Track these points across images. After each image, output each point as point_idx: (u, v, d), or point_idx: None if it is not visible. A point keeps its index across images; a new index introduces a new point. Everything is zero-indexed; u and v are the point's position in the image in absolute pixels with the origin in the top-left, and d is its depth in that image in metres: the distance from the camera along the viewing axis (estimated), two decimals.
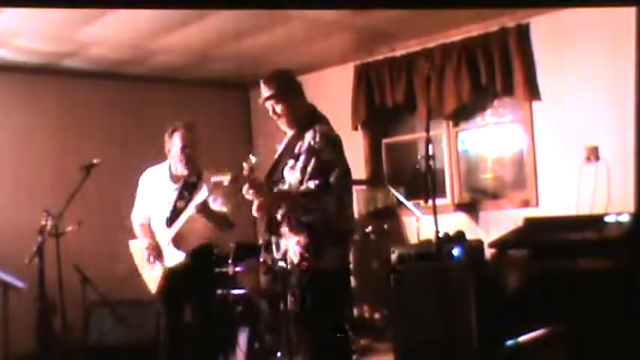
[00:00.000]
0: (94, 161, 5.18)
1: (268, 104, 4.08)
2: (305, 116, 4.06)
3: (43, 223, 5.47)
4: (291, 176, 3.89)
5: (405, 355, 5.58)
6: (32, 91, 7.12)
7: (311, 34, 6.58)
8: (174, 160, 5.00)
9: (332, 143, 3.96)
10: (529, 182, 6.47)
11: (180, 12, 5.67)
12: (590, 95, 6.01)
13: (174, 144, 4.96)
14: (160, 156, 5.01)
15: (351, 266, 7.00)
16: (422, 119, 6.95)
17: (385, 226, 6.69)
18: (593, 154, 5.94)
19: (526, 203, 6.43)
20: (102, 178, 5.05)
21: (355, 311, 7.21)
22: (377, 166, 7.74)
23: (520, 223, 5.92)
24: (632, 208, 5.19)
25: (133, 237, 5.14)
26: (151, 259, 4.94)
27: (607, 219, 5.39)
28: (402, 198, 6.52)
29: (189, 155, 4.92)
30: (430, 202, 4.54)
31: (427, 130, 4.57)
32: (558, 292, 5.05)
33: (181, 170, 4.97)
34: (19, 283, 5.85)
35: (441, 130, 7.12)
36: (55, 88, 7.25)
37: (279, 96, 4.03)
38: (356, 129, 7.63)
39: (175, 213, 4.83)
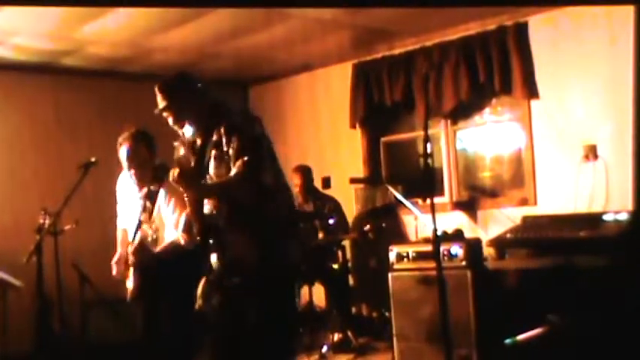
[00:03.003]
0: (92, 160, 5.16)
1: (164, 115, 3.84)
2: (207, 117, 3.80)
3: (41, 221, 5.46)
4: (215, 168, 3.71)
5: (404, 354, 5.58)
6: (30, 89, 7.12)
7: (309, 32, 6.58)
8: None
9: (249, 118, 3.84)
10: (527, 180, 6.47)
11: (178, 10, 5.68)
12: (589, 94, 6.01)
13: (121, 158, 4.64)
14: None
15: (350, 265, 7.04)
16: (420, 118, 6.95)
17: (383, 224, 6.68)
18: (592, 152, 5.95)
19: (524, 201, 6.44)
20: (100, 177, 5.03)
21: (354, 310, 7.22)
22: (375, 165, 7.73)
23: (518, 221, 5.93)
24: (630, 206, 5.20)
25: None
26: (124, 271, 4.64)
27: (605, 217, 5.39)
28: (400, 196, 6.52)
29: (136, 174, 4.57)
30: (428, 200, 4.54)
31: (425, 128, 4.56)
32: (556, 290, 5.05)
33: (137, 185, 4.68)
34: (17, 282, 5.85)
35: (439, 129, 7.12)
36: (52, 87, 7.25)
37: (171, 107, 3.79)
38: (354, 127, 7.64)
39: (138, 227, 4.50)
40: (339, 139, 7.87)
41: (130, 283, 4.67)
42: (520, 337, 4.94)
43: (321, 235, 6.73)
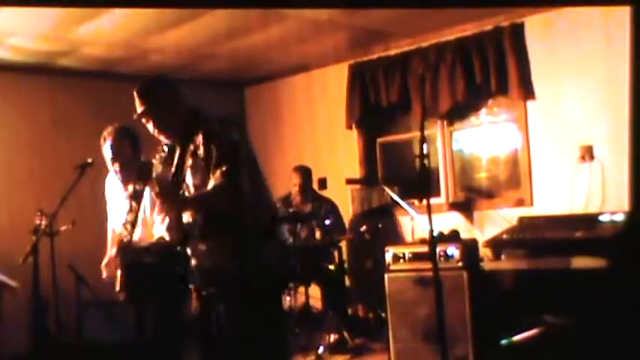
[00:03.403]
0: (88, 160, 5.14)
1: (142, 121, 3.80)
2: (186, 123, 3.73)
3: (37, 222, 5.46)
4: (192, 177, 3.67)
5: (400, 355, 5.58)
6: (26, 90, 7.11)
7: (305, 33, 6.58)
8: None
9: (228, 124, 3.72)
10: (523, 181, 6.48)
11: (174, 11, 5.67)
12: (585, 94, 6.02)
13: (105, 155, 4.59)
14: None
15: (346, 266, 7.04)
16: (416, 118, 6.96)
17: (380, 225, 6.69)
18: (588, 153, 5.95)
19: (520, 202, 6.44)
20: (96, 178, 5.02)
21: (350, 310, 7.22)
22: (371, 166, 7.73)
23: (514, 222, 5.93)
24: (626, 207, 5.20)
25: None
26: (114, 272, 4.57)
27: (601, 218, 5.40)
28: (396, 197, 6.52)
29: (121, 170, 4.54)
30: (425, 201, 4.54)
31: (422, 129, 4.56)
32: (552, 291, 5.05)
33: (121, 183, 4.63)
34: (13, 283, 5.84)
35: (435, 130, 7.13)
36: (48, 87, 7.24)
37: (150, 112, 3.73)
38: (350, 128, 7.64)
39: (125, 227, 4.35)
40: (335, 139, 7.87)
41: (118, 285, 4.61)
42: (516, 337, 4.95)
43: (318, 235, 6.73)
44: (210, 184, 3.51)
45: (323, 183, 7.10)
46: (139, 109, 3.75)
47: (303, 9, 5.77)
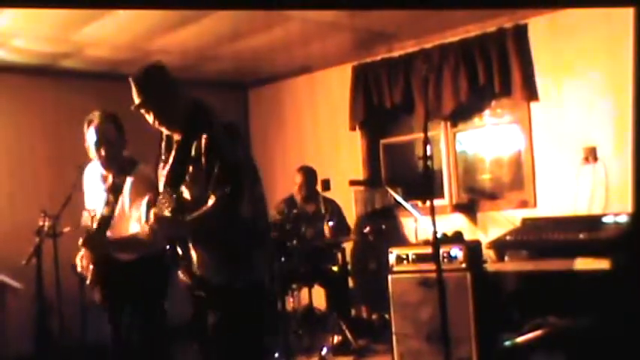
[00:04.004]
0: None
1: (142, 111, 3.59)
2: (189, 115, 3.55)
3: (41, 223, 5.45)
4: (190, 187, 3.50)
5: (403, 356, 5.58)
6: (30, 91, 7.12)
7: (309, 34, 6.58)
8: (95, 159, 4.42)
9: (232, 135, 3.52)
10: (527, 183, 6.47)
11: (177, 12, 5.67)
12: (588, 96, 6.01)
13: (89, 140, 4.39)
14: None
15: (349, 267, 7.04)
16: (420, 120, 6.94)
17: (383, 226, 6.69)
18: (591, 154, 5.94)
19: (524, 204, 6.43)
20: None
21: (353, 312, 7.22)
22: (375, 167, 7.73)
23: (518, 223, 5.93)
24: (629, 208, 5.19)
25: None
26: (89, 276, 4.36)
27: (605, 219, 5.39)
28: (399, 199, 6.52)
29: (106, 155, 4.30)
30: (428, 202, 4.54)
31: (425, 130, 4.56)
32: (556, 292, 5.05)
33: (104, 171, 4.39)
34: (16, 284, 5.85)
35: (438, 131, 7.12)
36: (52, 89, 7.25)
37: (150, 101, 3.52)
38: (354, 129, 7.64)
39: (100, 221, 4.22)
40: (338, 141, 7.87)
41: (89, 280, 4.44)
42: (519, 339, 4.95)
43: (327, 232, 6.67)
44: (210, 202, 3.36)
45: (326, 184, 7.10)
46: (138, 99, 3.54)
47: (306, 11, 5.78)
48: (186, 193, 3.49)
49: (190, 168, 3.46)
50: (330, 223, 6.63)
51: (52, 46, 6.43)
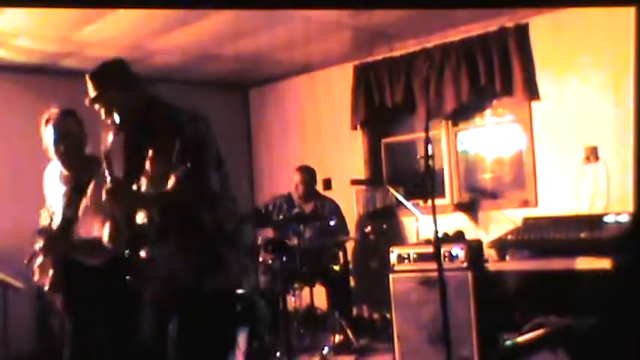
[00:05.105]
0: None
1: (96, 107, 3.47)
2: (144, 109, 3.44)
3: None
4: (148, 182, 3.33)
5: (404, 355, 5.58)
6: (31, 91, 7.11)
7: (310, 34, 6.58)
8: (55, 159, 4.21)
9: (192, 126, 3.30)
10: (528, 182, 6.47)
11: (179, 12, 5.67)
12: (589, 95, 6.01)
13: (47, 138, 4.19)
14: None
15: (351, 266, 7.04)
16: (421, 119, 6.95)
17: (384, 226, 6.70)
18: (593, 154, 5.94)
19: (525, 203, 6.43)
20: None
21: (355, 311, 7.22)
22: (376, 166, 7.74)
23: (519, 222, 5.93)
24: (630, 208, 5.19)
25: None
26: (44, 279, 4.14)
27: (606, 219, 5.39)
28: (401, 198, 6.53)
29: (67, 153, 4.15)
30: (429, 202, 4.54)
31: (426, 130, 4.56)
32: (557, 292, 5.05)
33: (64, 170, 4.20)
34: (18, 284, 5.84)
35: (440, 130, 7.12)
36: (53, 88, 7.23)
37: (105, 97, 3.42)
38: (355, 129, 7.64)
39: (63, 223, 4.09)
40: (340, 140, 7.87)
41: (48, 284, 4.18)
42: (520, 338, 4.94)
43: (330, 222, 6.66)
44: (171, 181, 3.19)
45: (328, 184, 7.11)
46: (93, 93, 3.45)
47: (308, 10, 5.78)
48: (145, 187, 3.33)
49: (150, 151, 3.31)
50: (332, 222, 6.63)
51: (53, 45, 6.43)
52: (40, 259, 4.20)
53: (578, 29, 6.02)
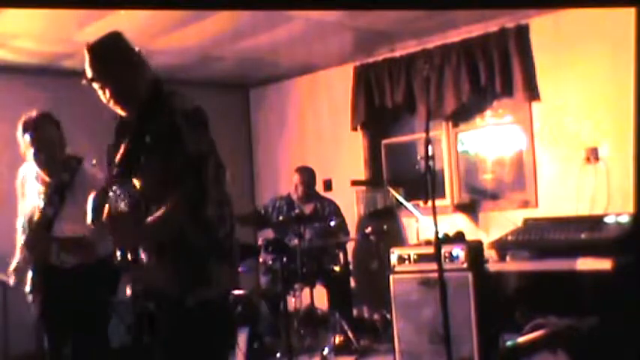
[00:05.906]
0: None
1: (95, 86, 3.20)
2: (148, 94, 3.18)
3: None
4: (143, 179, 3.08)
5: (405, 356, 5.58)
6: (30, 91, 7.11)
7: (310, 34, 6.58)
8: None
9: (196, 122, 3.03)
10: (528, 183, 6.47)
11: (179, 12, 5.67)
12: (590, 96, 6.01)
13: (25, 142, 4.16)
14: None
15: (351, 267, 7.03)
16: (421, 120, 6.95)
17: (385, 226, 6.69)
18: (593, 155, 5.95)
19: (526, 204, 6.43)
20: None
21: (355, 312, 7.22)
22: (376, 167, 7.74)
23: (519, 223, 5.92)
24: (631, 208, 5.19)
25: None
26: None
27: (606, 220, 5.39)
28: (401, 199, 6.53)
29: (46, 155, 4.11)
30: (430, 202, 4.54)
31: (427, 130, 4.57)
32: (558, 292, 5.05)
33: (42, 172, 4.17)
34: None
35: (440, 131, 7.12)
36: (54, 89, 7.24)
37: (107, 76, 3.16)
38: (355, 130, 7.64)
39: (43, 223, 4.04)
40: (340, 141, 7.87)
41: (28, 288, 4.13)
42: (521, 339, 4.94)
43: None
44: (169, 203, 2.93)
45: (328, 184, 7.11)
46: (91, 71, 3.16)
47: (308, 11, 5.78)
48: (138, 185, 3.09)
49: (144, 156, 3.02)
50: (332, 223, 6.63)
51: (54, 46, 6.43)
52: (15, 262, 4.20)
53: (578, 30, 6.02)
